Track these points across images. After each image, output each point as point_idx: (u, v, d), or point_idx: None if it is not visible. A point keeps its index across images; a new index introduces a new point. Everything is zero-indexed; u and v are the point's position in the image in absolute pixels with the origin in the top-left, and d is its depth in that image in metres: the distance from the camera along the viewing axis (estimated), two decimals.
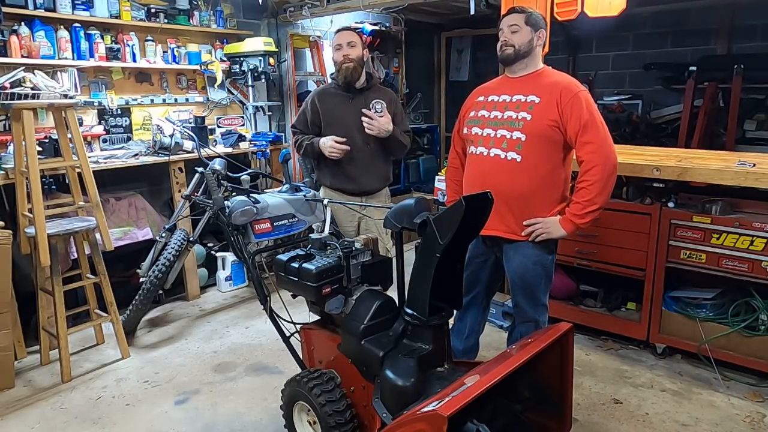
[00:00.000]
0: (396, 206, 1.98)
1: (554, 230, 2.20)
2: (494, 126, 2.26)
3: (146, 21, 3.96)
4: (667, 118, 5.60)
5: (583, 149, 2.13)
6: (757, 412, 2.55)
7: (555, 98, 2.15)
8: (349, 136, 2.87)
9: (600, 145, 2.11)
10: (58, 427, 2.56)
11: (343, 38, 2.85)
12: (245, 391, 2.82)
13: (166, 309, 3.89)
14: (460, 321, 2.57)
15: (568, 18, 3.00)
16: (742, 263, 2.66)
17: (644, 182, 2.94)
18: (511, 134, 2.20)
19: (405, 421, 1.60)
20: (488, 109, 2.31)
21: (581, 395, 2.70)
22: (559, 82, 2.20)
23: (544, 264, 2.29)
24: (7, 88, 2.80)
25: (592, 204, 2.12)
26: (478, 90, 2.45)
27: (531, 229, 2.22)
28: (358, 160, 2.91)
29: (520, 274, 2.30)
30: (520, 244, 2.27)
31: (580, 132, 2.11)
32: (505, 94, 2.29)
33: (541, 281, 2.31)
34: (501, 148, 2.22)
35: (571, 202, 2.19)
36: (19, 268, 3.08)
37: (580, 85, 2.19)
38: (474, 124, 2.35)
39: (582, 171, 2.15)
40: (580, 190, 2.15)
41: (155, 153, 3.77)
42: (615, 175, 2.14)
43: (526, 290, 2.32)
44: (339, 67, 2.86)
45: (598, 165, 2.10)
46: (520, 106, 2.21)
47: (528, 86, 2.24)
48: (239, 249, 2.43)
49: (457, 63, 6.88)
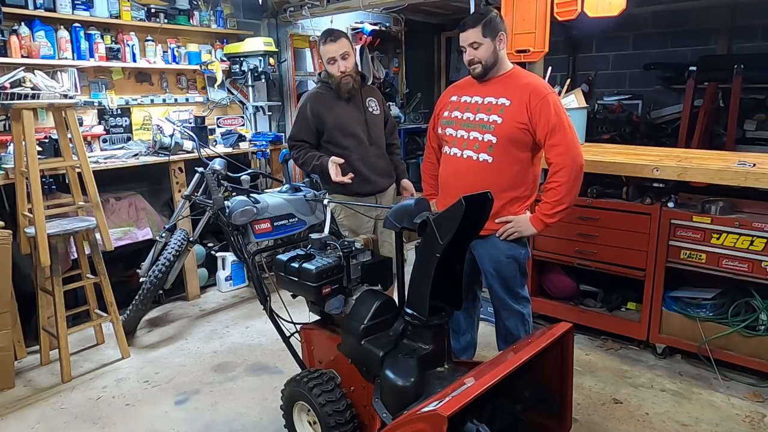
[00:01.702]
0: (396, 206, 1.98)
1: (525, 228, 2.29)
2: (467, 128, 2.34)
3: (146, 21, 3.96)
4: (667, 118, 5.60)
5: (552, 151, 2.21)
6: (757, 412, 2.55)
7: (525, 101, 2.21)
8: (355, 134, 2.85)
9: (567, 147, 2.18)
10: (58, 427, 2.56)
11: (335, 51, 2.71)
12: (245, 391, 2.82)
13: (166, 309, 3.89)
14: (452, 321, 2.56)
15: (568, 18, 3.00)
16: (742, 263, 2.66)
17: (644, 182, 2.94)
18: (482, 136, 2.28)
19: (405, 421, 1.60)
20: (461, 110, 2.38)
21: (581, 395, 2.70)
22: (528, 84, 2.26)
23: (517, 258, 2.37)
24: (7, 88, 2.80)
25: (560, 204, 2.22)
26: (452, 89, 2.51)
27: (503, 228, 2.30)
28: (367, 158, 2.87)
29: (495, 267, 2.38)
30: (491, 238, 2.34)
31: (549, 135, 2.19)
32: (477, 95, 2.35)
33: (516, 275, 2.40)
34: (473, 150, 2.31)
35: (541, 202, 2.28)
36: (19, 268, 3.09)
37: (549, 87, 2.26)
38: (448, 125, 2.42)
39: (550, 172, 2.23)
40: (549, 191, 2.24)
41: (155, 153, 3.77)
42: (581, 176, 2.23)
43: (502, 284, 2.40)
44: (338, 81, 2.77)
45: (565, 167, 2.18)
46: (491, 109, 2.28)
47: (499, 89, 2.30)
48: (239, 249, 2.43)
49: (457, 63, 6.88)
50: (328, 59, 2.75)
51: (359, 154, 2.85)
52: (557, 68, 5.25)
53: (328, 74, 2.81)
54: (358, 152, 2.85)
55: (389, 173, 3.02)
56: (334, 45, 2.72)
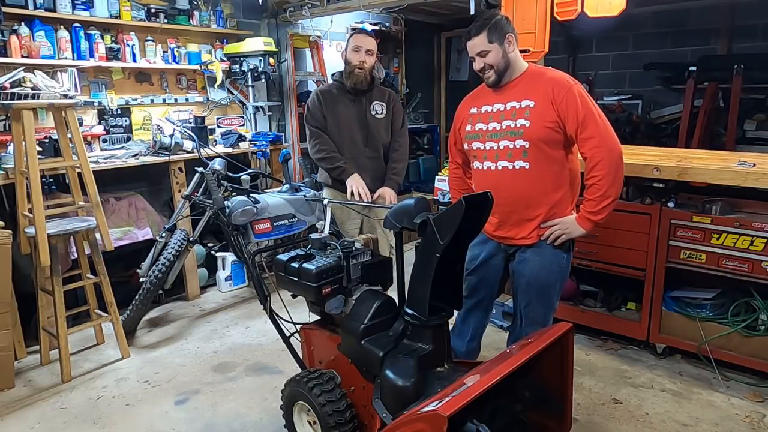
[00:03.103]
0: (396, 206, 1.99)
1: (573, 230, 2.17)
2: (495, 138, 2.21)
3: (146, 21, 3.96)
4: (667, 118, 5.60)
5: (586, 145, 2.09)
6: (757, 412, 2.55)
7: (549, 97, 2.11)
8: (350, 136, 2.94)
9: (601, 138, 2.07)
10: (58, 427, 2.56)
11: (365, 43, 2.88)
12: (245, 391, 2.82)
13: (166, 309, 3.89)
14: (463, 323, 2.52)
15: (568, 18, 3.00)
16: (742, 263, 2.66)
17: (644, 182, 2.94)
18: (513, 144, 2.16)
19: (405, 421, 1.60)
20: (484, 121, 2.26)
21: (581, 395, 2.70)
22: (550, 79, 2.15)
23: (560, 264, 2.26)
24: (7, 88, 2.80)
25: (605, 198, 2.09)
26: (468, 100, 2.39)
27: (549, 231, 2.20)
28: (359, 161, 2.96)
29: (536, 275, 2.25)
30: (539, 245, 2.24)
31: (580, 128, 2.08)
32: (498, 102, 2.23)
33: (557, 282, 2.28)
34: (507, 159, 2.19)
35: (584, 200, 2.16)
36: (19, 268, 3.08)
37: (571, 79, 2.16)
38: (474, 139, 2.29)
39: (588, 167, 2.10)
40: (591, 187, 2.12)
41: (155, 153, 3.77)
42: (622, 165, 2.11)
43: (540, 291, 2.28)
44: (351, 69, 2.88)
45: (603, 159, 2.07)
46: (516, 114, 2.16)
47: (519, 91, 2.19)
48: (239, 249, 2.43)
49: (457, 63, 6.89)
50: (355, 46, 2.89)
51: (351, 153, 2.94)
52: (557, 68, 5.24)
53: (345, 63, 2.94)
54: (351, 151, 2.94)
55: (381, 176, 3.04)
56: (366, 38, 2.93)
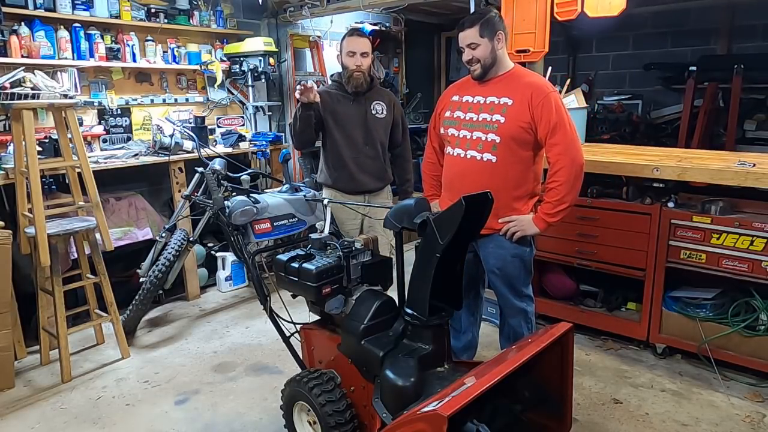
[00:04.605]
0: (396, 206, 1.99)
1: (528, 228, 2.29)
2: (470, 128, 2.34)
3: (146, 21, 3.96)
4: (667, 118, 5.60)
5: (552, 150, 2.21)
6: (757, 412, 2.55)
7: (527, 100, 2.21)
8: (351, 136, 2.95)
9: (567, 146, 2.18)
10: (58, 427, 2.56)
11: (358, 46, 2.86)
12: (245, 391, 2.82)
13: (166, 309, 3.89)
14: (453, 319, 2.58)
15: (568, 18, 3.00)
16: (742, 263, 2.66)
17: (644, 182, 2.94)
18: (486, 136, 2.28)
19: (405, 421, 1.60)
20: (463, 110, 2.38)
21: (581, 395, 2.70)
22: (530, 83, 2.26)
23: (522, 257, 2.37)
24: (7, 88, 2.80)
25: (561, 203, 2.22)
26: (453, 88, 2.51)
27: (506, 227, 2.30)
28: (359, 160, 2.97)
29: (499, 266, 2.38)
30: (497, 237, 2.34)
31: (549, 133, 2.19)
32: (479, 95, 2.35)
33: (521, 273, 2.40)
34: (477, 150, 2.31)
35: (543, 202, 2.29)
36: (19, 268, 3.08)
37: (550, 86, 2.27)
38: (450, 125, 2.42)
39: (551, 172, 2.24)
40: (550, 191, 2.24)
41: (155, 153, 3.77)
42: (581, 175, 2.23)
43: (507, 282, 2.40)
44: (350, 74, 2.88)
45: (565, 167, 2.19)
46: (493, 109, 2.28)
47: (500, 88, 2.30)
48: (239, 249, 2.43)
49: (457, 63, 6.88)
50: (349, 51, 2.87)
51: (351, 152, 2.95)
52: (557, 68, 5.25)
53: (342, 68, 2.93)
54: (350, 150, 2.96)
55: (380, 176, 3.06)
56: (359, 40, 2.88)
